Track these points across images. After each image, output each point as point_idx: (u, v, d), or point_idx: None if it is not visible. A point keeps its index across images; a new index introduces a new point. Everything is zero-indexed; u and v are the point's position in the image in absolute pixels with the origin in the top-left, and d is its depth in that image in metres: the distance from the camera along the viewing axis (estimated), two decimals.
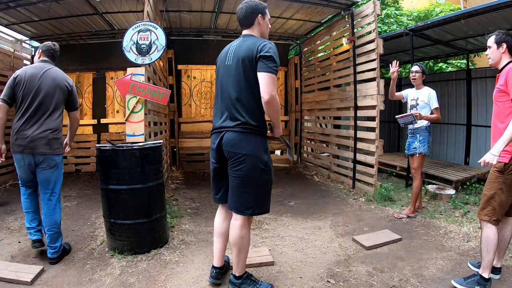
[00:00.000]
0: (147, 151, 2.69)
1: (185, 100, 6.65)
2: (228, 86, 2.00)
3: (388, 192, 4.22)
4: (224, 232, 2.21)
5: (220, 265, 2.26)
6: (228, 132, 1.97)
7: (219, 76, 2.10)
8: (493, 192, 2.16)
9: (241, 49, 1.97)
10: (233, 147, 1.95)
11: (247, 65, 1.92)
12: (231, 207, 2.06)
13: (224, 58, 2.07)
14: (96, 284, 2.30)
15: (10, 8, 4.39)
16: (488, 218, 2.17)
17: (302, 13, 5.28)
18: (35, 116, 2.53)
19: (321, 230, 3.34)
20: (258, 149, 1.98)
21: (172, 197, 4.39)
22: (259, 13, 2.06)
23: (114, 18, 5.50)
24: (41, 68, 2.58)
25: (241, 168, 1.96)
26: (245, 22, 2.07)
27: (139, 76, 3.38)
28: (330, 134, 5.61)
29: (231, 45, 2.08)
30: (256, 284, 2.15)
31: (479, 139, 5.71)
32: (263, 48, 1.89)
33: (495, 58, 2.26)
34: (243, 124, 1.94)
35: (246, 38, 2.03)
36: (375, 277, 2.40)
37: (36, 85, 2.51)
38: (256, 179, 1.99)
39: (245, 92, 1.95)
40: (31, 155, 2.49)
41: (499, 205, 2.15)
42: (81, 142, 6.25)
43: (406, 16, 8.88)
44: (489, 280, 2.19)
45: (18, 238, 3.07)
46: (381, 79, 4.30)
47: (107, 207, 2.70)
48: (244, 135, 1.95)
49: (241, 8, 2.06)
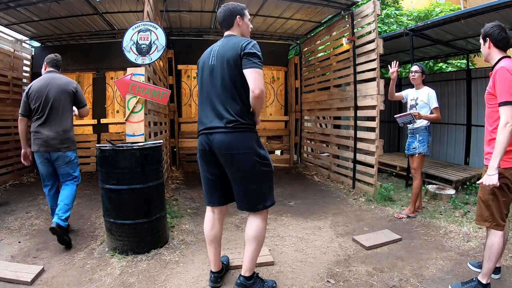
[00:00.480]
0: (147, 151, 2.69)
1: (185, 100, 6.66)
2: (214, 86, 2.01)
3: (388, 192, 4.22)
4: (215, 239, 2.21)
5: (218, 269, 2.26)
6: (218, 133, 1.97)
7: (204, 77, 2.09)
8: (487, 197, 2.10)
9: (225, 49, 2.00)
10: (228, 149, 1.95)
11: (232, 65, 1.95)
12: (244, 208, 2.07)
13: (208, 59, 2.08)
14: (96, 284, 2.30)
15: (10, 8, 4.39)
16: (488, 224, 2.10)
17: (302, 13, 5.28)
18: (48, 120, 2.95)
19: (321, 230, 3.34)
20: (252, 144, 1.99)
21: (172, 197, 4.39)
22: (237, 15, 2.11)
23: (114, 18, 5.50)
24: (47, 78, 3.01)
25: (242, 167, 1.97)
26: (224, 24, 2.13)
27: (139, 76, 3.39)
28: (330, 134, 5.61)
29: (214, 45, 2.11)
30: (263, 283, 2.17)
31: (479, 139, 5.70)
32: (246, 46, 1.93)
33: (485, 54, 2.16)
34: (233, 123, 1.94)
35: (228, 38, 2.07)
36: (375, 277, 2.40)
37: (44, 94, 2.93)
38: (259, 174, 2.00)
39: (233, 91, 1.96)
40: (47, 152, 2.94)
41: (496, 210, 2.07)
42: (81, 142, 6.25)
43: (406, 16, 8.88)
44: (488, 286, 2.12)
45: (18, 238, 3.07)
46: (381, 79, 4.30)
47: (107, 207, 2.70)
48: (236, 134, 1.95)
49: (220, 12, 2.13)
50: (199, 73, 2.18)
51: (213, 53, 2.06)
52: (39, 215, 3.72)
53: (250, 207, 2.05)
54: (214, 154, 2.02)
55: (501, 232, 2.07)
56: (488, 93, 2.08)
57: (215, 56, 2.03)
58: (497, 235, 2.06)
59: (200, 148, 2.10)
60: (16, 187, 5.11)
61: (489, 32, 2.07)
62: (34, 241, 3.03)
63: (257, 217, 2.05)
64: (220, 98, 1.98)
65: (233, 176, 2.02)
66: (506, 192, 2.06)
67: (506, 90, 1.91)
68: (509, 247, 2.78)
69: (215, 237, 2.20)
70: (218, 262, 2.26)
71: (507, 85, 1.92)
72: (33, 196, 4.49)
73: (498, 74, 1.97)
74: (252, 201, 2.03)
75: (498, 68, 1.99)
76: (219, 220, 2.22)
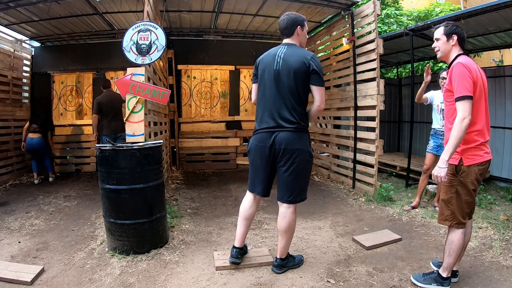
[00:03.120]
0: (147, 151, 2.69)
1: (185, 100, 6.65)
2: (280, 91, 2.25)
3: (388, 192, 4.22)
4: (249, 217, 2.49)
5: (241, 245, 2.52)
6: (282, 132, 2.24)
7: (266, 79, 2.30)
8: (449, 196, 2.11)
9: (292, 59, 2.22)
10: (289, 144, 2.23)
11: (299, 77, 2.21)
12: (284, 199, 2.32)
13: (272, 62, 2.27)
14: (96, 284, 2.30)
15: (10, 8, 4.39)
16: (449, 223, 2.12)
17: (302, 13, 5.19)
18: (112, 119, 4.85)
19: (321, 230, 3.34)
20: (308, 144, 2.32)
21: (172, 197, 4.40)
22: (298, 25, 2.31)
23: (114, 18, 5.50)
24: (109, 95, 4.99)
25: (295, 162, 2.24)
26: (286, 32, 2.33)
27: (139, 76, 3.38)
28: (330, 134, 5.61)
29: (277, 50, 2.31)
30: (294, 258, 2.54)
31: None
32: (314, 63, 2.21)
33: (445, 51, 2.15)
34: (296, 124, 2.24)
35: (291, 47, 2.30)
36: (375, 277, 2.40)
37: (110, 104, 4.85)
38: (306, 170, 2.33)
39: (297, 98, 2.24)
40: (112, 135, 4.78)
41: (458, 208, 2.08)
42: (81, 142, 6.26)
43: (406, 16, 8.87)
44: (447, 279, 2.19)
45: (18, 238, 3.07)
46: (381, 79, 4.29)
47: (107, 207, 2.70)
48: (298, 133, 2.26)
49: (283, 20, 2.33)
50: (259, 74, 2.38)
51: (277, 58, 2.26)
52: (39, 215, 3.72)
53: (290, 199, 2.30)
54: (272, 150, 2.28)
55: (461, 230, 2.10)
56: (446, 90, 2.10)
57: (280, 63, 2.25)
58: (458, 233, 2.10)
59: (259, 144, 2.33)
60: (16, 187, 5.11)
61: (456, 30, 2.12)
62: (34, 241, 3.03)
63: (291, 210, 2.32)
64: (286, 103, 2.24)
65: (286, 169, 2.27)
66: (469, 191, 2.06)
67: (462, 85, 1.94)
68: (509, 247, 2.79)
69: (249, 216, 2.49)
70: (243, 240, 2.52)
71: (464, 80, 1.94)
72: (33, 196, 4.50)
73: (455, 70, 1.99)
74: (294, 193, 2.30)
75: (455, 64, 2.02)
76: (256, 204, 2.51)
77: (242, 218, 2.49)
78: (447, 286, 2.19)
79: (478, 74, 2.01)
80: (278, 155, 2.27)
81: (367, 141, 4.58)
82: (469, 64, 1.98)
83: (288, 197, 2.32)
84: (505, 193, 4.54)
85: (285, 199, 2.32)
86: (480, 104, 2.02)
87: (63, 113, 6.35)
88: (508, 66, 5.23)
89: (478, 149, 2.03)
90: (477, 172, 2.03)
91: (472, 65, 2.00)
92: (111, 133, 4.78)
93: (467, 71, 1.95)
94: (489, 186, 4.98)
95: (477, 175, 2.03)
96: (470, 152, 2.02)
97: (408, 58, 6.24)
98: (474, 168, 2.02)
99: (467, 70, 1.95)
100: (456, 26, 2.13)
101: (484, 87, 2.06)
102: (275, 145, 2.26)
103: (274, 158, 2.31)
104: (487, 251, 2.75)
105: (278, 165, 2.32)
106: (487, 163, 2.07)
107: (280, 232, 2.38)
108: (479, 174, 2.04)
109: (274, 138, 2.25)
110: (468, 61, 2.01)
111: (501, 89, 5.12)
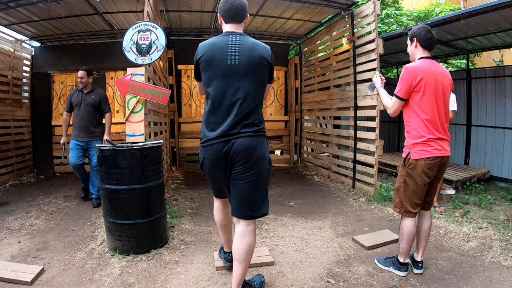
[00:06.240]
0: (147, 151, 2.69)
1: (185, 100, 6.65)
2: (238, 90, 1.87)
3: (388, 192, 4.22)
4: (226, 223, 2.34)
5: (231, 250, 2.36)
6: (240, 138, 1.87)
7: (218, 75, 1.89)
8: (398, 185, 2.33)
9: (252, 54, 1.88)
10: (249, 153, 1.87)
11: (261, 73, 1.93)
12: (244, 216, 1.96)
13: (225, 56, 1.87)
14: (96, 284, 2.30)
15: (10, 8, 4.39)
16: (398, 210, 2.32)
17: (302, 13, 5.28)
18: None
19: (321, 230, 3.34)
20: (267, 150, 2.01)
21: (172, 197, 4.40)
22: (247, 13, 2.05)
23: (114, 18, 5.49)
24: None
25: (255, 172, 1.91)
26: (238, 18, 1.98)
27: (139, 76, 3.38)
28: (330, 134, 5.61)
29: (228, 41, 1.90)
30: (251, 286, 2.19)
31: (479, 139, 5.71)
32: (272, 59, 1.98)
33: (411, 54, 2.35)
34: (256, 127, 1.91)
35: (243, 37, 1.93)
36: (375, 277, 2.40)
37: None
38: (266, 181, 2.01)
39: (260, 98, 1.96)
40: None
41: (405, 197, 2.27)
42: None
43: (406, 16, 8.88)
44: (405, 265, 2.37)
45: (18, 238, 3.07)
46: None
47: (107, 207, 2.70)
48: (258, 138, 1.92)
49: (239, 4, 1.96)
50: (207, 68, 1.94)
51: (232, 52, 1.87)
52: (39, 215, 3.72)
53: (250, 214, 1.96)
54: (229, 159, 1.91)
55: (410, 218, 2.29)
56: None
57: (237, 56, 1.87)
58: (407, 220, 2.30)
59: (213, 158, 1.94)
60: (16, 187, 5.11)
61: (416, 33, 2.25)
62: (34, 241, 3.03)
63: (251, 228, 1.99)
64: (246, 102, 1.87)
65: (243, 180, 1.92)
66: (417, 183, 2.22)
67: (399, 86, 2.23)
68: (509, 247, 2.79)
69: (226, 222, 2.34)
70: (231, 244, 2.26)
71: (402, 82, 2.21)
72: (33, 196, 4.50)
73: (401, 72, 2.25)
74: (254, 207, 1.96)
75: (404, 67, 2.27)
76: (228, 205, 2.26)
77: (219, 226, 2.34)
78: (403, 271, 2.37)
79: (424, 76, 2.15)
80: (234, 164, 1.91)
81: (367, 141, 4.58)
82: (415, 69, 2.17)
83: (248, 213, 1.95)
84: (505, 193, 4.54)
85: (244, 215, 1.96)
86: (428, 102, 2.17)
87: (63, 113, 6.34)
88: (508, 66, 5.23)
89: (425, 144, 2.18)
90: (424, 166, 2.18)
91: (419, 70, 2.16)
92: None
93: (408, 75, 2.18)
94: (489, 186, 4.98)
95: (424, 169, 2.18)
96: (417, 147, 2.20)
97: (408, 58, 6.23)
98: (421, 162, 2.18)
99: (408, 74, 2.17)
100: (417, 29, 2.26)
101: (439, 86, 2.19)
102: (231, 154, 1.88)
103: (232, 166, 1.94)
104: (487, 251, 2.75)
105: (235, 175, 1.93)
106: (437, 159, 2.18)
107: (236, 256, 1.96)
108: (427, 168, 2.18)
109: (231, 146, 1.87)
110: (416, 65, 2.20)
111: (501, 89, 5.12)
